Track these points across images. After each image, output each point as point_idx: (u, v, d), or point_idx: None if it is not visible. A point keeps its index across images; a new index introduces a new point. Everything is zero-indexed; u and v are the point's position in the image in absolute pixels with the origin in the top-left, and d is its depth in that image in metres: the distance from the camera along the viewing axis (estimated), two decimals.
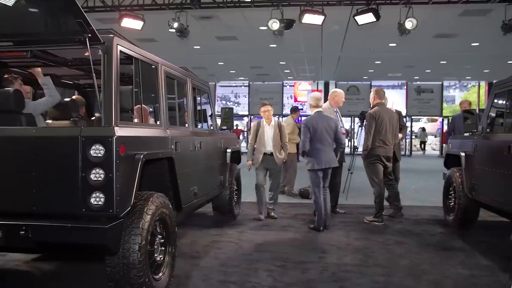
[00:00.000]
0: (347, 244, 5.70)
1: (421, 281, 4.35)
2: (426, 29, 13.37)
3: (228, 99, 29.76)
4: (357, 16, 10.67)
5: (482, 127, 5.85)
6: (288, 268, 4.67)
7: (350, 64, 20.93)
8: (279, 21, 10.94)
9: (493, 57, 18.29)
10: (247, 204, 8.09)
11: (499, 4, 10.76)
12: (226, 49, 17.66)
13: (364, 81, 26.70)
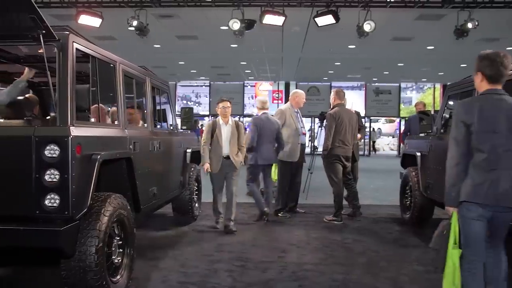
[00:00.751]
0: (306, 243, 5.76)
1: (379, 278, 4.44)
2: (384, 32, 13.67)
3: (189, 99, 29.53)
4: (317, 18, 10.79)
5: (437, 128, 6.03)
6: (248, 268, 4.67)
7: (310, 65, 21.16)
8: (240, 21, 10.94)
9: (447, 60, 18.89)
10: (207, 205, 8.02)
11: (452, 10, 11.12)
12: (186, 49, 17.52)
13: (324, 82, 27.06)
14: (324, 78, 25.94)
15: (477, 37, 13.74)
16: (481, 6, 10.82)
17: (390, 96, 27.85)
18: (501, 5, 10.90)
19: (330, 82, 27.07)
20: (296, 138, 7.30)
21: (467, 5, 10.80)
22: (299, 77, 25.50)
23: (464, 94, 5.35)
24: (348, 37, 13.59)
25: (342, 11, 10.86)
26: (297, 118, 7.45)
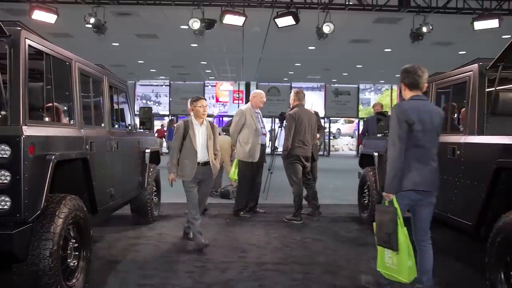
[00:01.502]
0: (266, 243, 5.78)
1: (338, 276, 4.50)
2: (343, 34, 13.90)
3: (148, 98, 29.13)
4: (277, 19, 10.85)
5: None
6: (208, 269, 4.64)
7: (271, 66, 21.28)
8: (200, 20, 10.87)
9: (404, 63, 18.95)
10: (166, 205, 7.96)
11: (408, 14, 11.44)
12: (146, 47, 17.26)
13: (284, 83, 27.27)
14: (284, 78, 26.15)
15: (432, 41, 14.21)
16: (435, 11, 11.17)
17: (349, 97, 28.36)
18: (454, 11, 11.28)
19: (290, 82, 27.31)
20: (257, 138, 7.32)
21: (422, 9, 11.13)
22: (260, 77, 25.61)
23: None
24: (308, 38, 13.75)
25: (302, 13, 10.98)
26: (257, 118, 7.46)
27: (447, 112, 4.96)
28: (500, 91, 4.14)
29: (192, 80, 27.21)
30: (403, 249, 3.61)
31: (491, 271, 3.47)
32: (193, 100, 5.62)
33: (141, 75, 26.34)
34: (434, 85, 5.07)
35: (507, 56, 3.90)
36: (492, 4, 11.30)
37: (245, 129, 7.30)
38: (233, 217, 7.32)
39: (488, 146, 3.93)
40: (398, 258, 3.63)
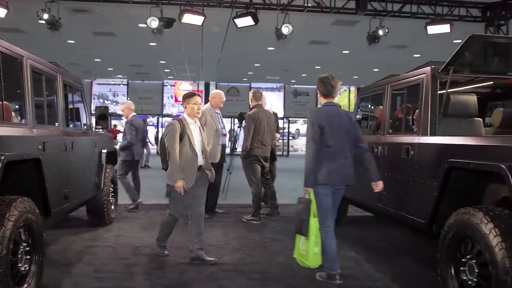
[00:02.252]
0: (225, 243, 5.77)
1: (296, 276, 4.54)
2: (302, 35, 14.06)
3: (106, 98, 28.55)
4: (237, 19, 10.86)
5: None
6: (166, 270, 4.59)
7: (230, 66, 21.26)
8: (158, 19, 10.74)
9: (361, 65, 19.80)
10: (123, 207, 7.82)
11: (365, 17, 11.69)
12: (103, 45, 16.90)
13: (244, 83, 27.31)
14: (244, 79, 26.19)
15: (388, 44, 14.56)
16: (390, 14, 11.48)
17: (308, 98, 28.69)
18: (408, 15, 11.62)
19: (250, 83, 27.37)
20: (217, 139, 7.29)
21: (379, 13, 11.40)
22: (219, 77, 25.55)
23: (375, 97, 5.64)
24: (267, 39, 13.81)
25: (261, 13, 11.03)
26: (217, 118, 7.44)
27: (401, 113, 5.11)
28: (451, 93, 4.29)
29: (150, 79, 26.86)
30: (312, 236, 4.25)
31: (442, 267, 3.58)
32: (186, 96, 5.02)
33: (98, 74, 25.77)
34: (389, 87, 5.20)
35: (457, 60, 4.04)
36: (444, 10, 11.72)
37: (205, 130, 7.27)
38: None
39: (440, 146, 4.07)
40: (307, 245, 4.29)
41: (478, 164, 3.40)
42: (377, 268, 4.79)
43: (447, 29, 11.20)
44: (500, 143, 3.34)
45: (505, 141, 3.37)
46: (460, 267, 3.44)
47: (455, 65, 4.09)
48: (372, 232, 6.54)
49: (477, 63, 4.39)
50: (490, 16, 12.15)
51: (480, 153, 3.44)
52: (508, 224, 3.05)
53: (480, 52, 4.30)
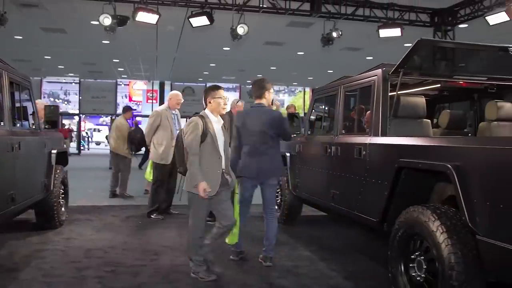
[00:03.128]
0: (180, 244, 5.71)
1: (250, 275, 4.55)
2: (257, 36, 14.12)
3: (57, 96, 27.72)
4: (192, 18, 10.79)
5: (304, 129, 6.37)
6: (118, 273, 4.50)
7: (185, 65, 21.08)
8: (111, 16, 10.51)
9: (316, 66, 20.09)
10: (75, 209, 7.61)
11: (319, 19, 11.88)
12: (53, 42, 16.39)
13: (199, 83, 27.14)
14: (199, 78, 26.04)
15: (342, 46, 14.85)
16: (344, 17, 11.71)
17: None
18: (361, 18, 11.90)
19: (205, 83, 27.23)
20: (171, 140, 7.21)
21: (332, 15, 11.62)
22: (174, 77, 25.29)
23: (329, 98, 5.73)
24: (223, 39, 13.80)
25: (217, 13, 11.01)
26: (173, 120, 7.37)
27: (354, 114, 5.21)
28: (401, 95, 4.41)
29: (103, 78, 26.26)
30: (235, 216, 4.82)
31: (392, 263, 3.68)
32: (210, 89, 4.44)
33: (48, 72, 24.96)
34: (342, 88, 5.30)
35: (407, 63, 4.16)
36: (395, 14, 12.07)
37: (159, 131, 7.20)
38: (146, 219, 7.16)
39: (390, 146, 4.17)
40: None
41: (426, 164, 3.51)
42: (330, 266, 4.86)
43: (398, 33, 11.55)
44: (446, 144, 3.47)
45: (451, 141, 3.50)
46: (409, 264, 3.55)
47: (405, 67, 4.21)
48: (326, 231, 6.64)
49: (425, 66, 4.54)
50: (438, 22, 12.63)
51: (428, 153, 3.56)
52: (454, 222, 3.17)
53: (428, 55, 4.44)
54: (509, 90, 5.06)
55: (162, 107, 7.51)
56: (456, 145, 3.37)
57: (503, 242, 2.77)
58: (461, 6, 12.02)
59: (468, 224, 3.00)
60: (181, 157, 4.43)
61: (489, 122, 4.68)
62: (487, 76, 4.70)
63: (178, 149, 4.49)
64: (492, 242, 2.85)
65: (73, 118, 29.28)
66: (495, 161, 2.94)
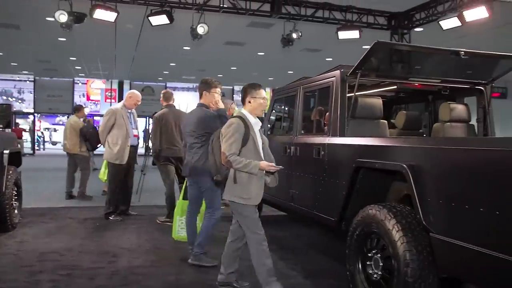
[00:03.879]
0: (138, 246, 5.63)
1: (209, 275, 4.52)
2: (218, 36, 14.07)
3: (10, 95, 26.73)
4: (151, 17, 10.63)
5: (264, 129, 6.39)
6: (74, 277, 4.39)
7: (145, 64, 20.77)
8: (67, 13, 10.22)
9: (276, 67, 20.20)
10: (29, 211, 7.37)
11: (280, 20, 11.95)
12: (6, 39, 15.79)
13: (159, 82, 26.79)
14: (159, 78, 25.72)
15: (302, 47, 14.99)
16: (304, 19, 11.83)
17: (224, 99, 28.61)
18: (321, 20, 12.05)
19: (165, 82, 26.93)
20: (126, 140, 7.10)
21: (292, 16, 11.71)
22: (133, 76, 24.87)
23: (288, 98, 5.77)
24: (183, 38, 13.67)
25: (177, 12, 10.90)
26: (129, 119, 7.23)
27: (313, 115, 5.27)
28: (359, 96, 4.50)
29: (60, 76, 25.51)
30: (176, 212, 5.42)
31: (350, 262, 3.74)
32: (250, 87, 4.00)
33: (1, 69, 24.03)
34: (302, 89, 5.35)
35: (364, 65, 4.24)
36: (353, 16, 12.29)
37: (114, 130, 7.05)
38: (103, 220, 7.02)
39: (348, 146, 4.25)
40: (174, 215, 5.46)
41: (382, 164, 3.60)
42: (290, 266, 4.90)
43: (357, 35, 11.77)
44: (402, 144, 3.56)
45: (406, 142, 3.60)
46: (366, 262, 3.62)
47: (362, 69, 4.29)
48: (286, 231, 6.69)
49: (382, 68, 4.64)
50: (394, 25, 12.94)
51: (384, 153, 3.64)
52: (409, 220, 3.26)
53: (385, 58, 4.54)
54: (461, 92, 5.25)
55: (118, 106, 7.36)
56: (410, 145, 3.46)
57: (454, 239, 2.86)
58: (416, 10, 12.36)
59: (423, 222, 3.09)
60: (217, 164, 3.93)
61: (443, 123, 4.83)
62: (441, 78, 4.85)
63: (212, 155, 4.01)
64: (445, 239, 2.94)
65: (27, 117, 28.34)
66: (447, 161, 3.04)
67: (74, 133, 9.07)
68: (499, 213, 2.58)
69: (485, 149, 2.77)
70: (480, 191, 2.74)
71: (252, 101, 3.95)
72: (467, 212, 2.80)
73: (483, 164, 2.74)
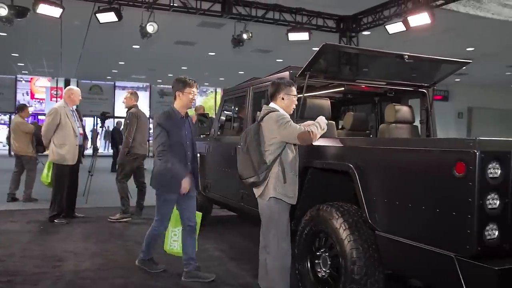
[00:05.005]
0: (85, 249, 5.48)
1: (159, 278, 4.48)
2: (168, 35, 13.90)
3: None
4: (99, 14, 10.36)
5: (214, 130, 6.38)
6: (16, 283, 4.21)
7: (93, 63, 20.20)
8: (8, 7, 9.77)
9: (227, 67, 20.18)
10: None
11: (230, 20, 11.95)
12: None
13: (107, 81, 26.16)
14: (107, 77, 25.10)
15: (252, 48, 15.05)
16: (254, 19, 11.88)
17: None
18: (271, 21, 12.15)
19: (114, 81, 26.34)
20: (73, 139, 6.90)
21: (243, 17, 11.74)
22: (81, 74, 24.13)
23: (238, 99, 5.78)
24: (132, 36, 13.39)
25: (126, 10, 10.67)
26: (73, 117, 7.03)
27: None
28: (308, 97, 4.56)
29: (1, 73, 24.40)
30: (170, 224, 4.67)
31: (299, 261, 3.80)
32: (284, 84, 3.88)
33: None
34: (251, 89, 5.37)
35: (313, 66, 4.31)
36: (303, 19, 12.47)
37: (60, 130, 6.83)
38: (48, 223, 6.78)
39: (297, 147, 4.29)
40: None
41: (330, 164, 3.67)
42: (240, 266, 4.92)
43: (306, 37, 11.95)
44: (348, 144, 3.65)
45: (353, 142, 3.68)
46: (315, 260, 3.69)
47: (311, 71, 4.36)
48: (236, 231, 6.70)
49: (330, 70, 4.72)
50: (343, 28, 13.23)
51: (332, 153, 3.72)
52: (356, 219, 3.35)
53: (333, 60, 4.62)
54: (405, 94, 5.43)
55: (60, 104, 7.11)
56: (356, 145, 3.55)
57: (398, 236, 2.97)
58: (364, 14, 12.68)
59: (368, 221, 3.17)
60: (254, 165, 3.66)
61: (388, 124, 4.98)
62: (386, 81, 4.99)
63: (248, 155, 3.69)
64: (389, 236, 3.04)
65: None
66: (390, 161, 3.14)
67: (21, 134, 8.75)
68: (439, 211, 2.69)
69: (425, 150, 2.89)
70: (421, 190, 2.85)
71: (285, 98, 3.83)
72: (409, 210, 2.90)
73: (423, 163, 2.85)
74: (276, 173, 3.63)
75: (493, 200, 2.53)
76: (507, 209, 2.57)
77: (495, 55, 16.06)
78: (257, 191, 3.73)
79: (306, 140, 3.56)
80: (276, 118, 3.65)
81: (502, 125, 23.90)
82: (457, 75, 18.58)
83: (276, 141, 3.63)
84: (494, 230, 2.54)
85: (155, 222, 4.53)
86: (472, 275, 2.51)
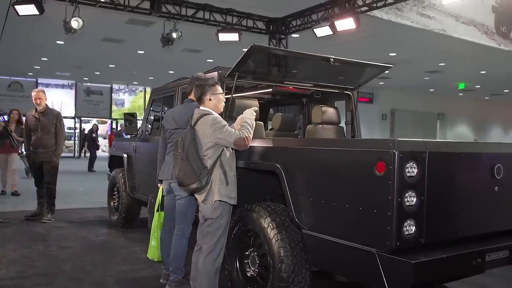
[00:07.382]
0: (2, 256, 5.16)
1: (84, 283, 4.32)
2: (94, 31, 13.43)
3: None
4: (17, 6, 9.78)
5: (142, 129, 6.25)
6: None
7: (11, 58, 19.01)
8: None
9: (156, 66, 19.80)
10: None
11: (160, 19, 11.74)
12: None
13: (29, 78, 24.82)
14: (29, 73, 23.79)
15: (182, 47, 14.89)
16: (184, 19, 11.76)
17: (102, 97, 27.50)
18: (201, 21, 12.08)
19: (37, 78, 25.02)
20: None
21: (173, 16, 11.57)
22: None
23: (166, 98, 5.70)
24: (56, 32, 12.78)
25: (48, 3, 10.17)
26: None
27: None
28: (236, 98, 4.58)
29: None
30: (152, 229, 4.50)
31: (228, 260, 3.80)
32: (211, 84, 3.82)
33: None
34: (180, 89, 5.30)
35: (241, 67, 4.33)
36: (234, 19, 12.52)
37: None
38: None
39: None
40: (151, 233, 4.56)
41: (258, 164, 3.71)
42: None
43: (236, 38, 12.00)
44: (276, 145, 3.70)
45: (280, 142, 3.75)
46: (244, 260, 3.71)
47: (239, 71, 4.38)
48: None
49: (259, 71, 4.76)
50: (272, 30, 13.42)
51: (260, 153, 3.75)
52: (283, 218, 3.40)
53: (261, 61, 4.67)
54: (332, 96, 5.59)
55: None
56: (283, 146, 3.61)
57: (323, 234, 3.06)
58: (293, 17, 12.93)
59: (295, 220, 3.24)
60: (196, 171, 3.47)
61: (315, 125, 5.10)
62: (313, 82, 5.12)
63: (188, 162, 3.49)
64: (315, 235, 3.12)
65: None
66: (315, 161, 3.23)
67: None
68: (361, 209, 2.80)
69: (348, 150, 3.00)
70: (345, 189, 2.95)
71: (212, 98, 3.75)
72: (333, 209, 3.00)
73: (347, 163, 2.96)
74: (218, 176, 3.55)
75: (411, 197, 2.67)
76: (423, 206, 2.72)
77: (414, 61, 16.99)
78: (200, 197, 3.60)
79: (242, 146, 3.53)
80: (212, 122, 3.58)
81: (421, 127, 25.36)
82: (381, 79, 19.47)
83: (212, 144, 3.56)
84: (411, 226, 2.68)
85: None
86: (391, 269, 2.64)
